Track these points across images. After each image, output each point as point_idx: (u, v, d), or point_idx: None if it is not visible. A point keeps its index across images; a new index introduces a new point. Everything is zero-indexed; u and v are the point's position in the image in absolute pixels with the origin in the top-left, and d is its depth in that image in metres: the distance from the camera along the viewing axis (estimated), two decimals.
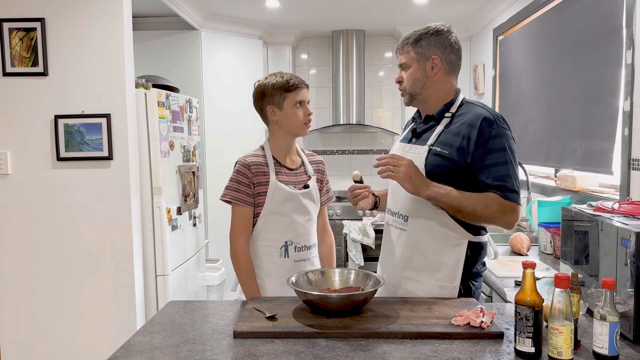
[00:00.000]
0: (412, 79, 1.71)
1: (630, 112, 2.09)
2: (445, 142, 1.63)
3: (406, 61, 1.72)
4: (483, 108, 1.64)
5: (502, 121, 1.61)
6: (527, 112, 3.26)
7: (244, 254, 1.83)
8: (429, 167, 1.63)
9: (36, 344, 2.62)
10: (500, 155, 1.57)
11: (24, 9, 2.50)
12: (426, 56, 1.68)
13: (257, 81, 1.89)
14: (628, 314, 1.33)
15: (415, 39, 1.69)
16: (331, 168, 4.99)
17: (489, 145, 1.57)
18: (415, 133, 1.77)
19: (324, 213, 2.04)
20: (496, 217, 1.58)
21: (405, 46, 1.72)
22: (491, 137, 1.57)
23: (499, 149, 1.57)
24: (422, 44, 1.68)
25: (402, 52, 1.73)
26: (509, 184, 1.57)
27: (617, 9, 2.20)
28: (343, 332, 1.35)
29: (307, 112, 1.85)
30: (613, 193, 2.35)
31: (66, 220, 2.57)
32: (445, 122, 1.68)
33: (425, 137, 1.71)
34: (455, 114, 1.68)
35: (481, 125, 1.58)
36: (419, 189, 1.57)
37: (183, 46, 4.01)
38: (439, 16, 4.13)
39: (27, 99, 2.53)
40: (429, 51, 1.68)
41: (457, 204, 1.57)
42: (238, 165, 1.84)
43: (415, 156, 1.67)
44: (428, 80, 1.69)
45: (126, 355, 1.26)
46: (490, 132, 1.57)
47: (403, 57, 1.73)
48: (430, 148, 1.65)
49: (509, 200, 1.56)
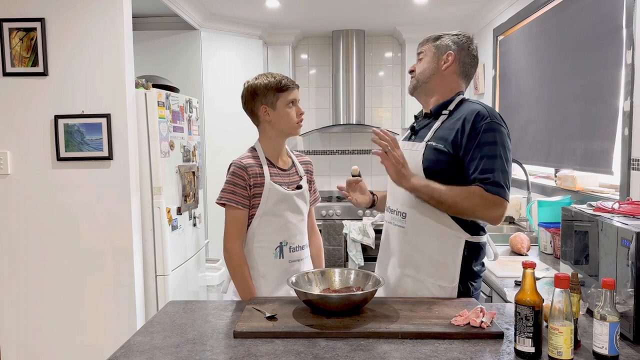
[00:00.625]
0: (423, 68, 1.76)
1: (630, 112, 2.09)
2: (441, 137, 1.65)
3: (423, 50, 1.78)
4: (479, 104, 1.65)
5: (497, 117, 1.61)
6: (527, 112, 3.26)
7: (239, 256, 1.82)
8: (427, 163, 1.64)
9: (36, 344, 2.62)
10: (489, 148, 1.57)
11: (24, 9, 2.50)
12: (442, 50, 1.74)
13: (247, 82, 1.88)
14: (628, 314, 1.33)
15: (438, 36, 1.77)
16: (331, 168, 5.00)
17: (480, 138, 1.57)
18: (414, 130, 1.80)
19: (312, 213, 2.04)
20: (478, 210, 1.57)
21: (427, 42, 1.79)
22: (482, 131, 1.57)
23: (489, 143, 1.57)
24: (443, 39, 1.75)
25: (423, 45, 1.80)
26: (493, 177, 1.55)
27: (617, 9, 2.20)
28: (343, 332, 1.34)
29: (299, 112, 1.85)
30: (613, 193, 2.35)
31: (66, 220, 2.57)
32: (442, 119, 1.69)
33: (423, 133, 1.73)
34: (452, 111, 1.69)
35: (474, 119, 1.59)
36: (402, 179, 1.60)
37: (183, 46, 4.01)
38: (439, 16, 4.13)
39: (27, 99, 2.53)
40: (446, 46, 1.74)
41: (437, 195, 1.57)
42: (234, 168, 1.82)
43: (414, 153, 1.68)
44: (437, 72, 1.73)
45: (126, 355, 1.26)
46: (482, 125, 1.58)
47: (422, 47, 1.79)
48: (427, 144, 1.67)
49: (491, 193, 1.55)
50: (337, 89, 4.71)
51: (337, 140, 5.01)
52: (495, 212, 1.57)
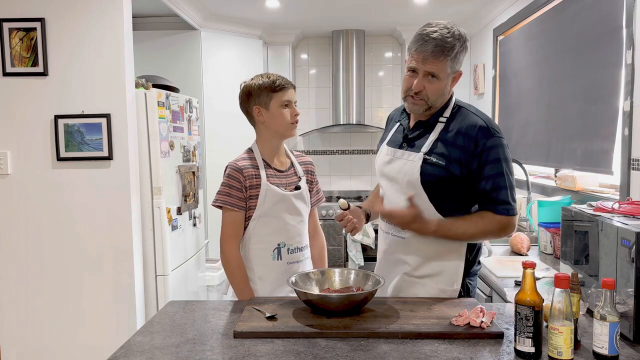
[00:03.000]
0: (439, 94, 1.61)
1: (630, 112, 2.09)
2: (441, 153, 1.60)
3: (439, 74, 1.58)
4: (477, 115, 1.62)
5: (497, 130, 1.60)
6: (527, 112, 3.26)
7: (236, 259, 1.82)
8: (425, 177, 1.61)
9: (36, 344, 2.62)
10: (493, 167, 1.57)
11: (24, 9, 2.49)
12: (455, 70, 1.62)
13: (243, 82, 1.87)
14: (628, 314, 1.33)
15: (455, 53, 1.57)
16: (331, 168, 5.00)
17: (484, 156, 1.57)
18: (407, 138, 1.70)
19: (315, 214, 2.02)
20: (492, 233, 1.63)
21: (444, 58, 1.56)
22: (486, 149, 1.56)
23: (494, 160, 1.57)
24: (459, 58, 1.60)
25: (436, 62, 1.56)
26: (501, 196, 1.58)
27: (617, 9, 2.20)
28: (343, 332, 1.34)
29: (294, 113, 1.83)
30: (613, 193, 2.35)
31: (66, 220, 2.57)
32: (439, 128, 1.64)
33: (419, 144, 1.66)
34: (449, 119, 1.64)
35: (477, 136, 1.57)
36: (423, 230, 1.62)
37: (183, 46, 4.02)
38: (439, 16, 4.13)
39: (27, 99, 2.53)
40: (458, 66, 1.62)
41: (454, 233, 1.63)
42: (229, 170, 1.82)
43: (409, 163, 1.64)
44: (446, 93, 1.65)
45: (126, 355, 1.26)
46: (485, 143, 1.56)
47: (436, 67, 1.57)
48: (425, 157, 1.61)
49: (502, 215, 1.59)
50: (337, 89, 4.71)
51: (337, 140, 5.01)
52: (508, 231, 1.63)
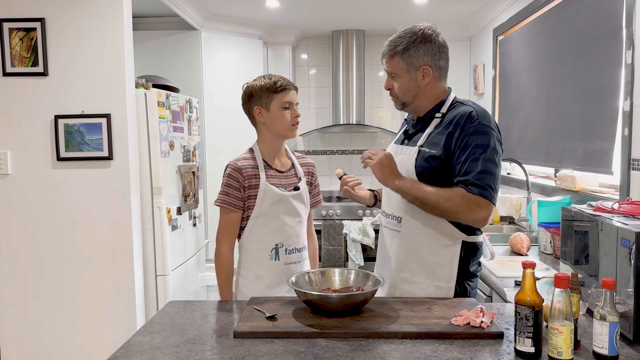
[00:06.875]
0: (404, 90, 1.67)
1: (630, 112, 2.09)
2: (433, 142, 1.62)
3: (395, 71, 1.66)
4: (470, 106, 1.62)
5: (487, 119, 1.58)
6: (527, 112, 3.26)
7: (225, 257, 1.85)
8: (419, 168, 1.62)
9: (36, 344, 2.62)
10: (475, 151, 1.54)
11: (24, 9, 2.49)
12: (416, 66, 1.64)
13: (246, 83, 1.88)
14: (628, 314, 1.33)
15: (404, 48, 1.63)
16: (331, 168, 5.00)
17: (466, 141, 1.56)
18: (407, 134, 1.77)
19: (310, 217, 2.04)
20: (460, 212, 1.54)
21: (393, 55, 1.65)
22: (470, 134, 1.56)
23: (475, 145, 1.55)
24: (411, 53, 1.63)
25: (390, 61, 1.67)
26: (475, 178, 1.52)
27: (617, 9, 2.20)
28: (343, 332, 1.34)
29: (294, 114, 1.84)
30: (613, 193, 2.35)
31: (66, 220, 2.57)
32: (435, 123, 1.66)
33: (416, 138, 1.70)
34: (445, 114, 1.66)
35: (464, 122, 1.57)
36: (387, 178, 1.60)
37: (183, 46, 4.02)
38: (439, 16, 4.13)
39: (27, 99, 2.53)
40: (418, 61, 1.63)
41: (421, 195, 1.56)
42: (229, 169, 1.84)
43: (406, 157, 1.67)
44: (420, 90, 1.67)
45: (126, 355, 1.26)
46: (469, 128, 1.56)
47: (391, 66, 1.67)
48: (420, 149, 1.64)
49: (473, 194, 1.52)
50: (337, 89, 4.71)
51: (337, 140, 5.01)
52: (478, 214, 1.53)
